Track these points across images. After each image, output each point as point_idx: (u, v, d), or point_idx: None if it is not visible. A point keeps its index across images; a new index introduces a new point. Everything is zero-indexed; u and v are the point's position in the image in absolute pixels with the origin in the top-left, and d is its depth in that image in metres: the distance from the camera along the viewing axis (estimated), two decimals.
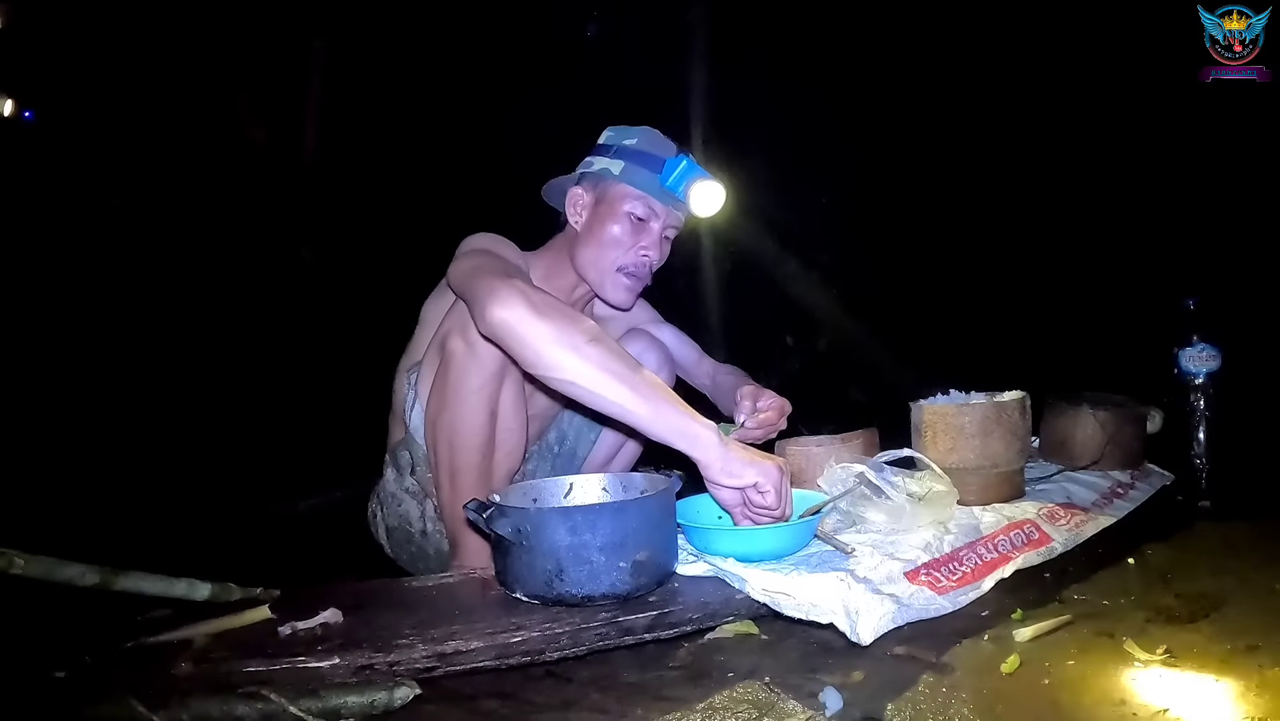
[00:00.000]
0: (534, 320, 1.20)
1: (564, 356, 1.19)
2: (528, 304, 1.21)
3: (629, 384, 1.19)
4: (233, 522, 2.32)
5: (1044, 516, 1.45)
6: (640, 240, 1.57)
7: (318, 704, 0.96)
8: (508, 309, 1.21)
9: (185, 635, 1.10)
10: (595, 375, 1.19)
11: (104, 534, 1.96)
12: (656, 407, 1.20)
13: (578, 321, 1.22)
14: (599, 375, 1.19)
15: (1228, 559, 1.45)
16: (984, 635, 1.16)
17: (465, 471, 1.44)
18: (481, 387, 1.40)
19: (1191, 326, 1.87)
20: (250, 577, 1.29)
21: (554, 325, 1.20)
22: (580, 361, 1.19)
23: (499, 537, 1.14)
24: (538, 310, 1.21)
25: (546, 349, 1.20)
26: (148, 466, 2.80)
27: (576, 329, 1.21)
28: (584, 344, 1.19)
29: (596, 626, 1.09)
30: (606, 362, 1.19)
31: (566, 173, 1.66)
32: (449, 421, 1.42)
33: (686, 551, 1.30)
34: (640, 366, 1.23)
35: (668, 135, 1.65)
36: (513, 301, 1.21)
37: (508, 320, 1.21)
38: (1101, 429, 1.77)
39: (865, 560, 1.23)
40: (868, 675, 1.05)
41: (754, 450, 1.25)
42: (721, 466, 1.20)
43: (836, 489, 1.41)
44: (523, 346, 1.22)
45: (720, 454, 1.20)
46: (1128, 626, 1.16)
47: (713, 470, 1.20)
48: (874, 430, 1.63)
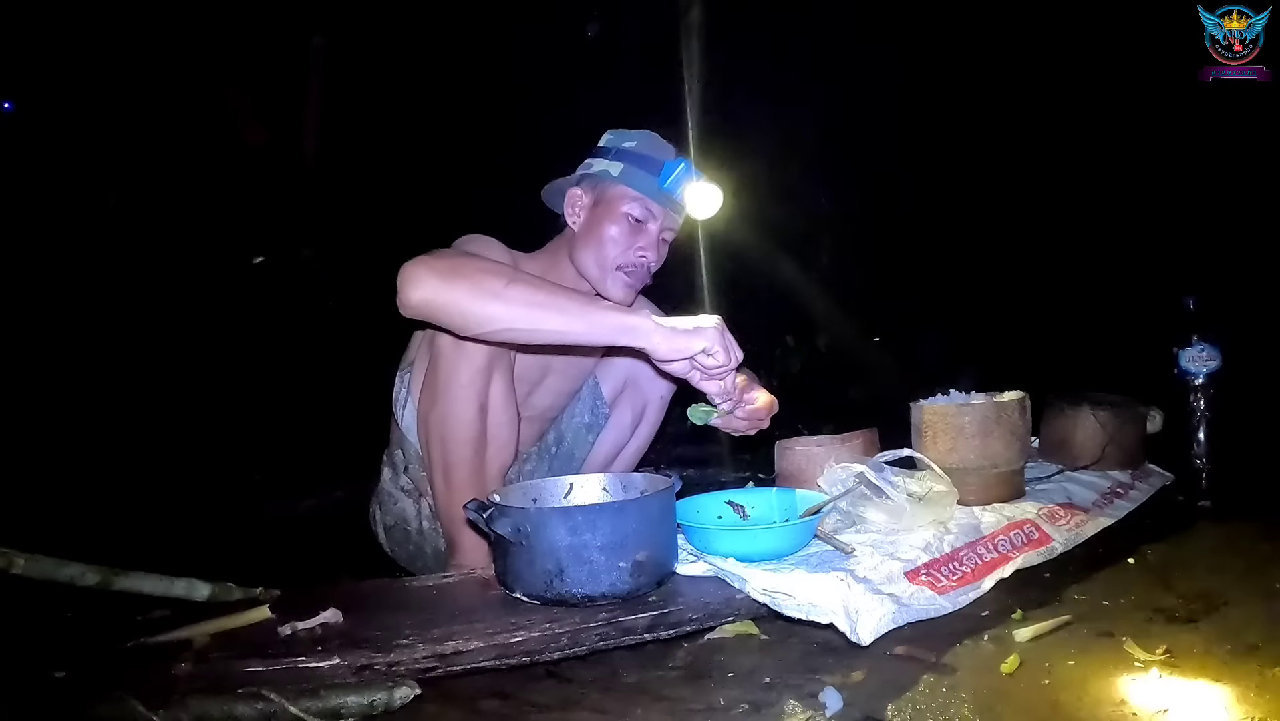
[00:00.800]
0: (446, 287, 1.22)
1: (488, 308, 1.22)
2: (436, 275, 1.23)
3: (558, 308, 1.24)
4: (233, 522, 2.32)
5: (1044, 516, 1.45)
6: (638, 241, 1.57)
7: (318, 704, 0.96)
8: (419, 287, 1.22)
9: (185, 635, 1.10)
10: (525, 313, 1.23)
11: (104, 534, 1.96)
12: (591, 319, 1.25)
13: (489, 271, 1.25)
14: (528, 312, 1.23)
15: (1228, 559, 1.45)
16: (984, 635, 1.16)
17: (458, 467, 1.44)
18: (470, 382, 1.40)
19: (1191, 326, 1.87)
20: (250, 577, 1.29)
21: (468, 283, 1.22)
22: (505, 306, 1.22)
23: (499, 537, 1.14)
24: (448, 277, 1.23)
25: (469, 308, 1.23)
26: (148, 466, 2.80)
27: (490, 278, 1.23)
28: (503, 289, 1.22)
29: (596, 626, 1.09)
30: (531, 297, 1.23)
31: (566, 174, 1.66)
32: (440, 417, 1.43)
33: (686, 551, 1.30)
34: (559, 287, 1.28)
35: (666, 137, 1.65)
36: (421, 278, 1.23)
37: (423, 297, 1.23)
38: (1101, 429, 1.77)
39: (865, 560, 1.23)
40: (868, 675, 1.05)
41: (689, 319, 1.28)
42: (668, 346, 1.24)
43: (836, 489, 1.41)
44: (448, 316, 1.25)
45: (663, 335, 1.24)
46: (1128, 626, 1.16)
47: (660, 351, 1.25)
48: (874, 430, 1.63)
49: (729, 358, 1.27)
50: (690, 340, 1.24)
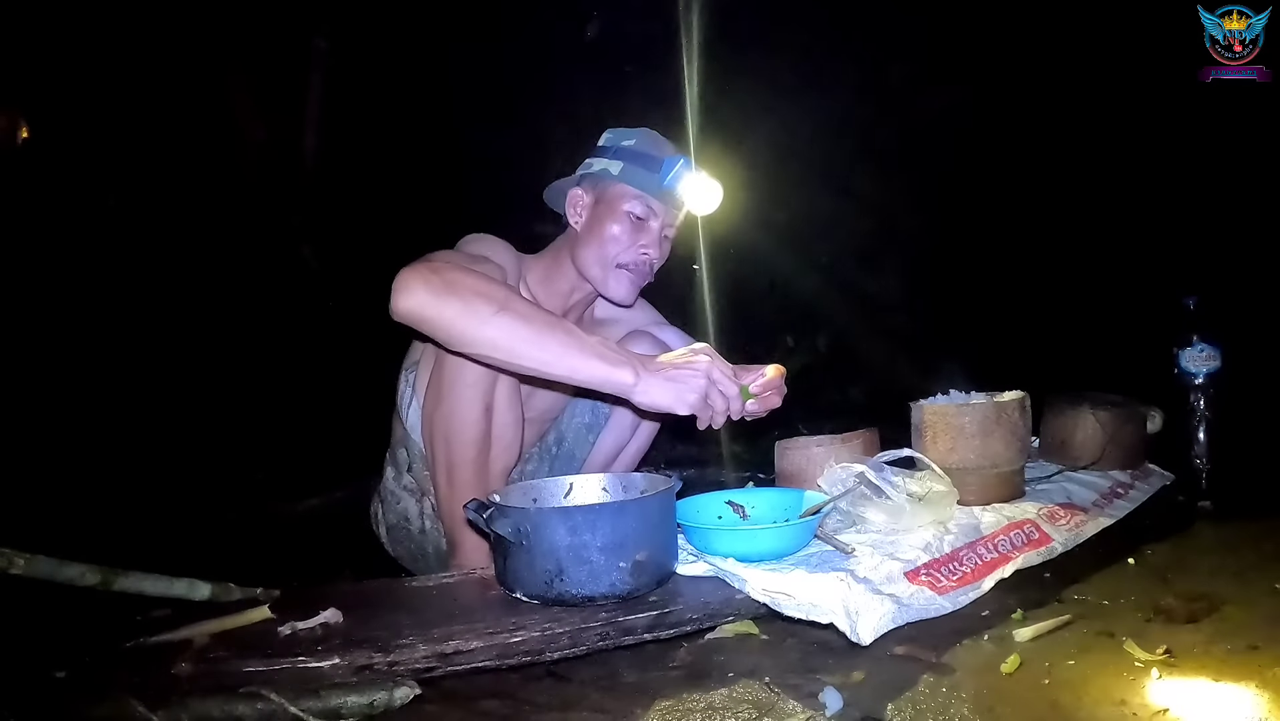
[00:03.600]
0: (437, 303, 1.22)
1: (473, 332, 1.22)
2: (428, 289, 1.22)
3: (541, 345, 1.23)
4: (233, 522, 2.32)
5: (1044, 516, 1.45)
6: (640, 239, 1.57)
7: (318, 704, 0.96)
8: (410, 297, 1.22)
9: (185, 635, 1.10)
10: (508, 344, 1.22)
11: (104, 534, 1.96)
12: (572, 364, 1.24)
13: (483, 293, 1.23)
14: (511, 344, 1.22)
15: (1228, 559, 1.45)
16: (984, 635, 1.16)
17: (461, 468, 1.44)
18: (475, 383, 1.40)
19: (1191, 326, 1.87)
20: (250, 577, 1.29)
21: (459, 302, 1.22)
22: (490, 333, 1.22)
23: (499, 537, 1.14)
24: (440, 292, 1.22)
25: (455, 327, 1.23)
26: (148, 466, 2.80)
27: (482, 301, 1.22)
28: (492, 315, 1.21)
29: (596, 626, 1.09)
30: (517, 330, 1.22)
31: (567, 172, 1.66)
32: (444, 417, 1.43)
33: (686, 551, 1.30)
34: (552, 320, 1.26)
35: (666, 134, 1.65)
36: (414, 288, 1.22)
37: (411, 308, 1.22)
38: (1101, 429, 1.77)
39: (865, 560, 1.23)
40: (868, 675, 1.05)
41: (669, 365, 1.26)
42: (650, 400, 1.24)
43: (836, 489, 1.41)
44: (434, 330, 1.24)
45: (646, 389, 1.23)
46: (1128, 626, 1.16)
47: (645, 404, 1.25)
48: (874, 430, 1.63)
49: (734, 387, 1.27)
50: (678, 394, 1.24)
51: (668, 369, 1.26)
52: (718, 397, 1.27)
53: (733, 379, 1.29)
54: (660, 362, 1.27)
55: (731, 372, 1.29)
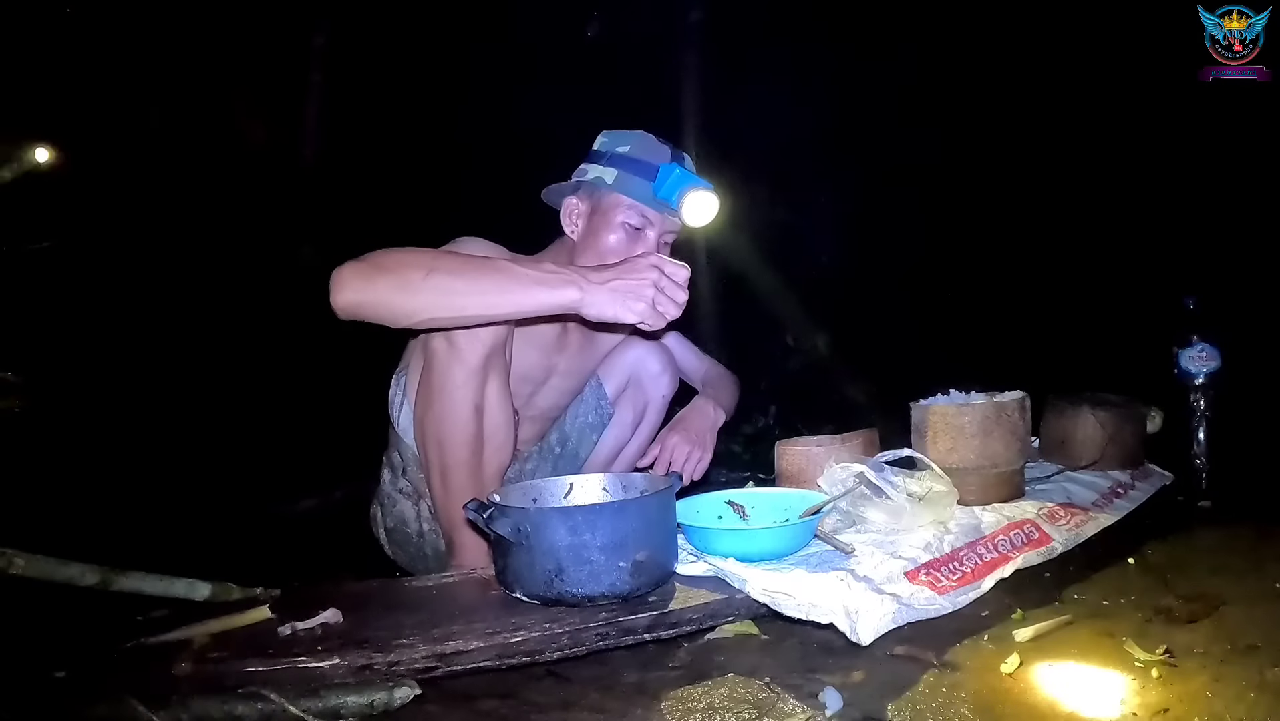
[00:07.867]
0: (369, 286, 1.22)
1: (409, 301, 1.22)
2: (358, 276, 1.23)
3: (478, 291, 1.23)
4: (233, 522, 2.32)
5: (1044, 516, 1.45)
6: (637, 249, 1.55)
7: (318, 704, 0.96)
8: (343, 290, 1.22)
9: (185, 635, 1.10)
10: (445, 300, 1.23)
11: (104, 534, 1.96)
12: (514, 297, 1.24)
13: (410, 263, 1.23)
14: (449, 299, 1.23)
15: (1228, 559, 1.45)
16: (984, 635, 1.16)
17: (455, 469, 1.43)
18: (465, 383, 1.39)
19: (1191, 326, 1.87)
20: (250, 577, 1.29)
21: (389, 278, 1.22)
22: (425, 297, 1.22)
23: (499, 537, 1.14)
24: (369, 275, 1.22)
25: (391, 302, 1.23)
26: (148, 466, 2.80)
27: (410, 270, 1.22)
28: (422, 281, 1.21)
29: (596, 626, 1.09)
30: (450, 284, 1.22)
31: (568, 170, 1.66)
32: (435, 419, 1.42)
33: (686, 551, 1.30)
34: (483, 263, 1.26)
35: (665, 136, 1.64)
36: (345, 280, 1.22)
37: (348, 300, 1.23)
38: (1101, 429, 1.77)
39: (865, 560, 1.23)
40: (868, 675, 1.05)
41: (614, 273, 1.26)
42: (598, 312, 1.24)
43: (836, 489, 1.41)
44: (375, 314, 1.24)
45: (593, 299, 1.23)
46: (1128, 626, 1.16)
47: (596, 316, 1.24)
48: (874, 430, 1.63)
49: (679, 270, 1.27)
50: (624, 303, 1.24)
51: (613, 278, 1.26)
52: (666, 302, 1.26)
53: (682, 266, 1.29)
54: (605, 274, 1.27)
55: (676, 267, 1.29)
